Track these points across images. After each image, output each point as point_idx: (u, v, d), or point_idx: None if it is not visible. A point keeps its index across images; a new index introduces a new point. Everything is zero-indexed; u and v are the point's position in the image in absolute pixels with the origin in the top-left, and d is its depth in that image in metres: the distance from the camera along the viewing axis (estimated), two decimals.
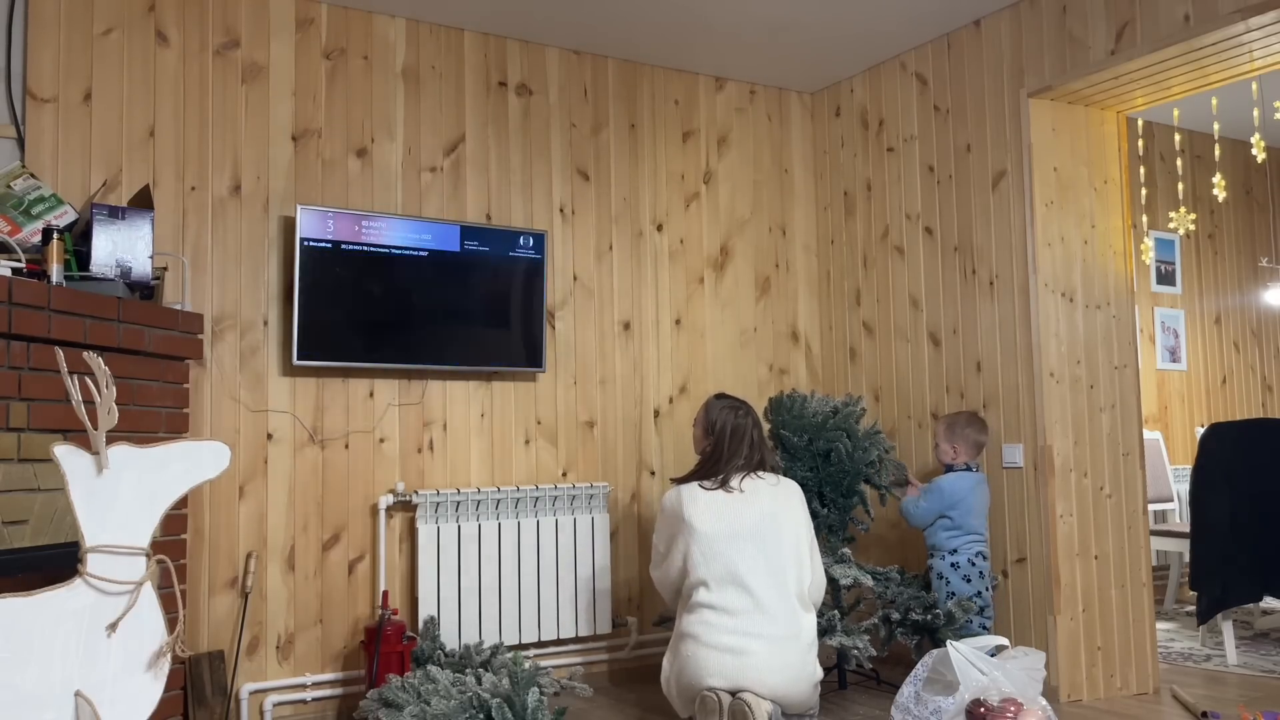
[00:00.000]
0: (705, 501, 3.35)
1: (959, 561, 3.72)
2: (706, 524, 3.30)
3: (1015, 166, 3.92)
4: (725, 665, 3.15)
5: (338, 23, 3.86)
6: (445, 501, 3.77)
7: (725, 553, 3.26)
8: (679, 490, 3.42)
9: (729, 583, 3.24)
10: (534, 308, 4.01)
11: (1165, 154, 5.90)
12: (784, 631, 3.21)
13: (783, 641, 3.19)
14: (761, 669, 3.14)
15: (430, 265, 3.82)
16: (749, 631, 3.18)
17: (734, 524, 3.29)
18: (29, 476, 2.57)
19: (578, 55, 4.35)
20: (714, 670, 3.15)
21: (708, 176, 4.63)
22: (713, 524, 3.30)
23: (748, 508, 3.33)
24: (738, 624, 3.19)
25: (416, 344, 3.78)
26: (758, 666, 3.14)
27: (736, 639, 3.17)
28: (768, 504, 3.35)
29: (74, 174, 3.36)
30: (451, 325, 3.85)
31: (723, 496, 3.36)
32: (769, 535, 3.29)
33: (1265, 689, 3.76)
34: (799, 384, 4.75)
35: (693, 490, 3.39)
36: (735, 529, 3.29)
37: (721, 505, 3.34)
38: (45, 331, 2.59)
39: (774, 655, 3.16)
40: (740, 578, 3.23)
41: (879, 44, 4.34)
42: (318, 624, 3.64)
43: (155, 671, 2.06)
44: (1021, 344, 3.87)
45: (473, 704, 3.00)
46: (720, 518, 3.31)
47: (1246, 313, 6.19)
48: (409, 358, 3.77)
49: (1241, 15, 3.22)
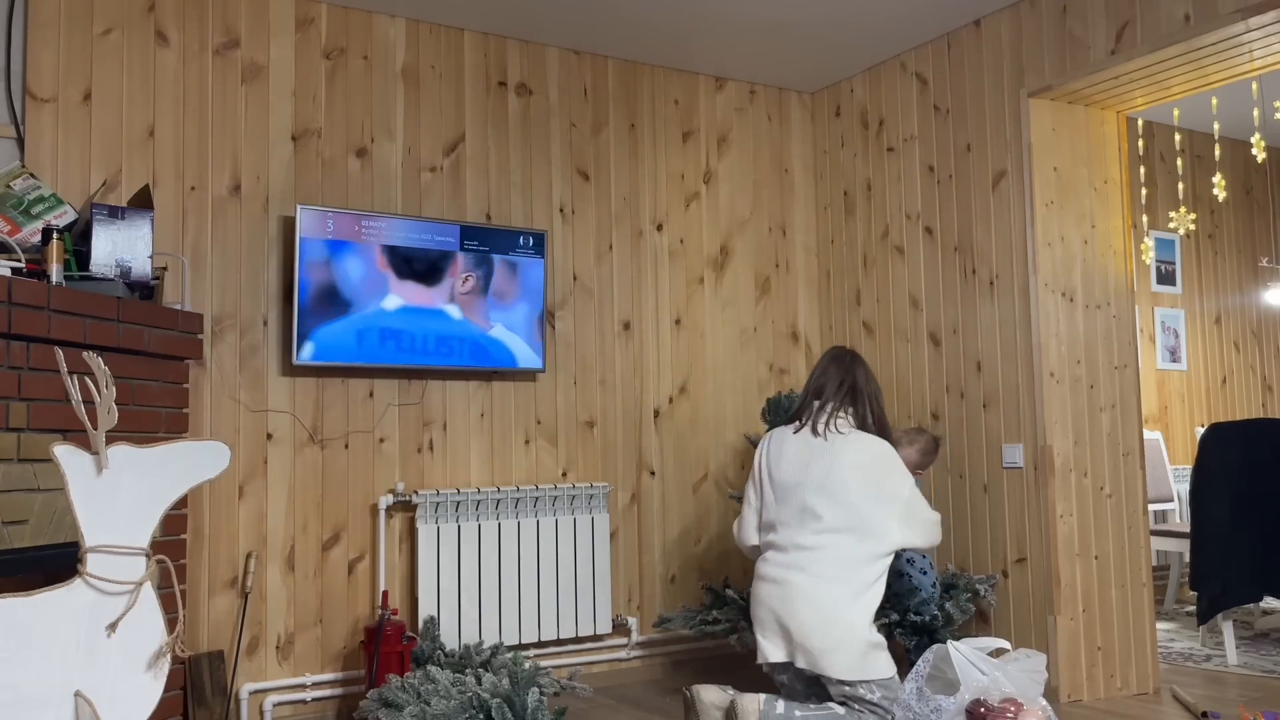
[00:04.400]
0: (788, 444, 3.32)
1: (913, 557, 3.74)
2: (779, 469, 3.30)
3: (1015, 166, 3.92)
4: (771, 595, 3.17)
5: (338, 23, 3.86)
6: (445, 501, 3.77)
7: (792, 497, 3.25)
8: (769, 435, 3.41)
9: (792, 524, 3.23)
10: (534, 307, 4.01)
11: (1165, 154, 5.90)
12: (832, 573, 3.13)
13: (829, 582, 3.12)
14: (799, 600, 3.10)
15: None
16: (794, 565, 3.18)
17: (803, 474, 3.25)
18: (29, 476, 2.57)
19: (578, 55, 4.35)
20: (763, 600, 3.19)
21: (708, 176, 4.63)
22: (783, 471, 3.29)
23: (823, 458, 3.25)
24: (788, 558, 3.20)
25: (416, 344, 3.78)
26: (796, 598, 3.11)
27: (783, 571, 3.18)
28: (848, 458, 3.22)
29: (74, 174, 3.36)
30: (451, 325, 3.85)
31: (806, 441, 3.31)
32: (835, 490, 3.19)
33: (1265, 689, 3.76)
34: (799, 384, 4.75)
35: (781, 433, 3.36)
36: (802, 478, 3.25)
37: (800, 449, 3.30)
38: (45, 331, 2.59)
39: (816, 589, 3.12)
40: (800, 521, 3.22)
41: (879, 44, 4.34)
42: (317, 624, 3.64)
43: (155, 671, 2.06)
44: (1021, 344, 3.87)
45: (473, 704, 3.00)
46: (793, 464, 3.29)
47: (1246, 313, 6.19)
48: (409, 357, 3.77)
49: (1241, 15, 3.22)
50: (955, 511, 4.10)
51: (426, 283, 3.81)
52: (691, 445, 4.47)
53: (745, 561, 4.52)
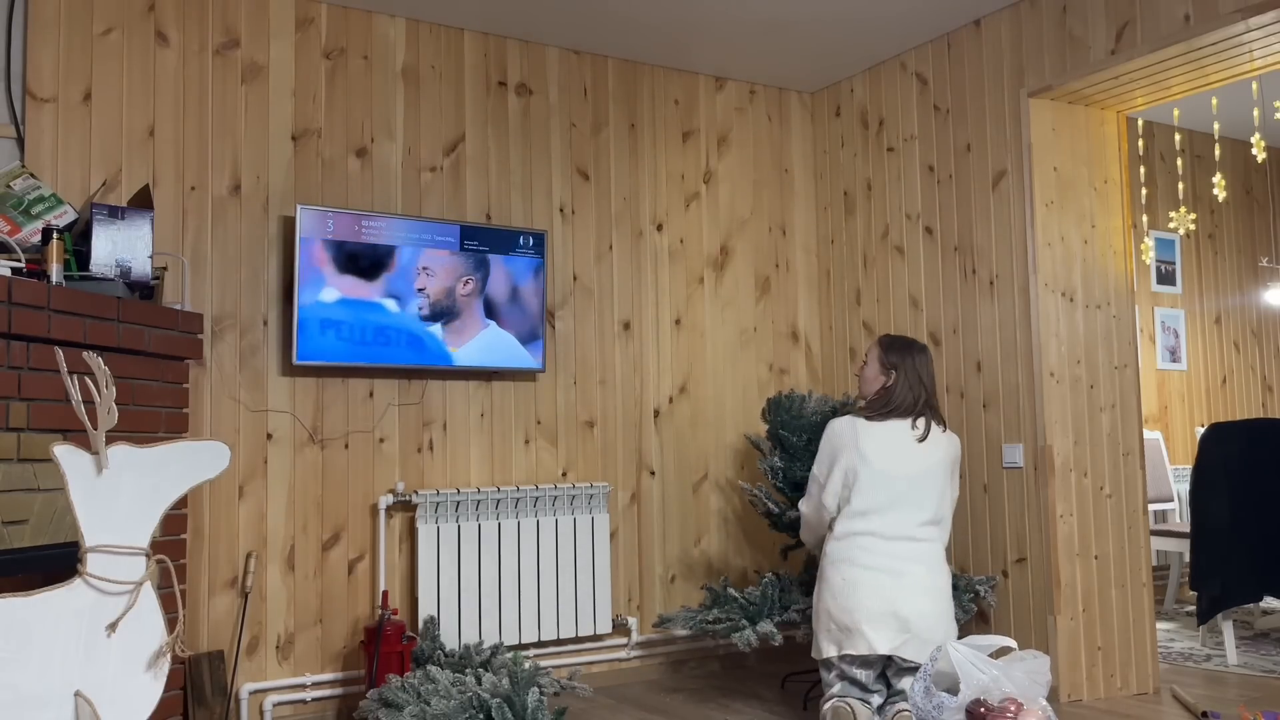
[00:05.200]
0: (882, 435, 3.38)
1: None
2: (879, 456, 3.34)
3: (1015, 166, 3.92)
4: (883, 585, 3.23)
5: (337, 23, 3.86)
6: (445, 501, 3.77)
7: (893, 486, 3.32)
8: (852, 420, 3.43)
9: (891, 512, 3.31)
10: (534, 308, 4.01)
11: (1165, 154, 5.90)
12: (940, 566, 3.33)
13: (940, 575, 3.31)
14: (917, 589, 3.23)
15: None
16: (907, 556, 3.27)
17: (907, 464, 3.34)
18: (29, 476, 2.57)
19: (578, 55, 4.35)
20: (873, 589, 3.23)
21: (708, 176, 4.63)
22: (885, 458, 3.34)
23: (924, 451, 3.37)
24: (895, 549, 3.28)
25: (416, 343, 3.78)
26: (913, 587, 3.23)
27: (894, 561, 3.26)
28: (942, 454, 3.40)
29: (74, 174, 3.36)
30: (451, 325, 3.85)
31: (901, 432, 3.38)
32: (934, 484, 3.36)
33: (1265, 689, 3.76)
34: (799, 384, 4.75)
35: (865, 422, 3.41)
36: (907, 470, 3.34)
37: (897, 441, 3.37)
38: (45, 331, 2.59)
39: (930, 580, 3.27)
40: (902, 512, 3.31)
41: (879, 44, 4.34)
42: (317, 624, 3.64)
43: (155, 671, 2.06)
44: (1021, 344, 3.87)
45: (473, 704, 3.00)
46: (893, 453, 3.35)
47: (1246, 313, 6.19)
48: (409, 357, 3.77)
49: (1241, 15, 3.22)
50: (955, 511, 4.09)
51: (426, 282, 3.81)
52: (691, 445, 4.47)
53: (745, 561, 4.52)
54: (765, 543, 4.58)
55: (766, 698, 3.86)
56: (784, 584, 3.89)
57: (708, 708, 3.73)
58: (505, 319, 3.96)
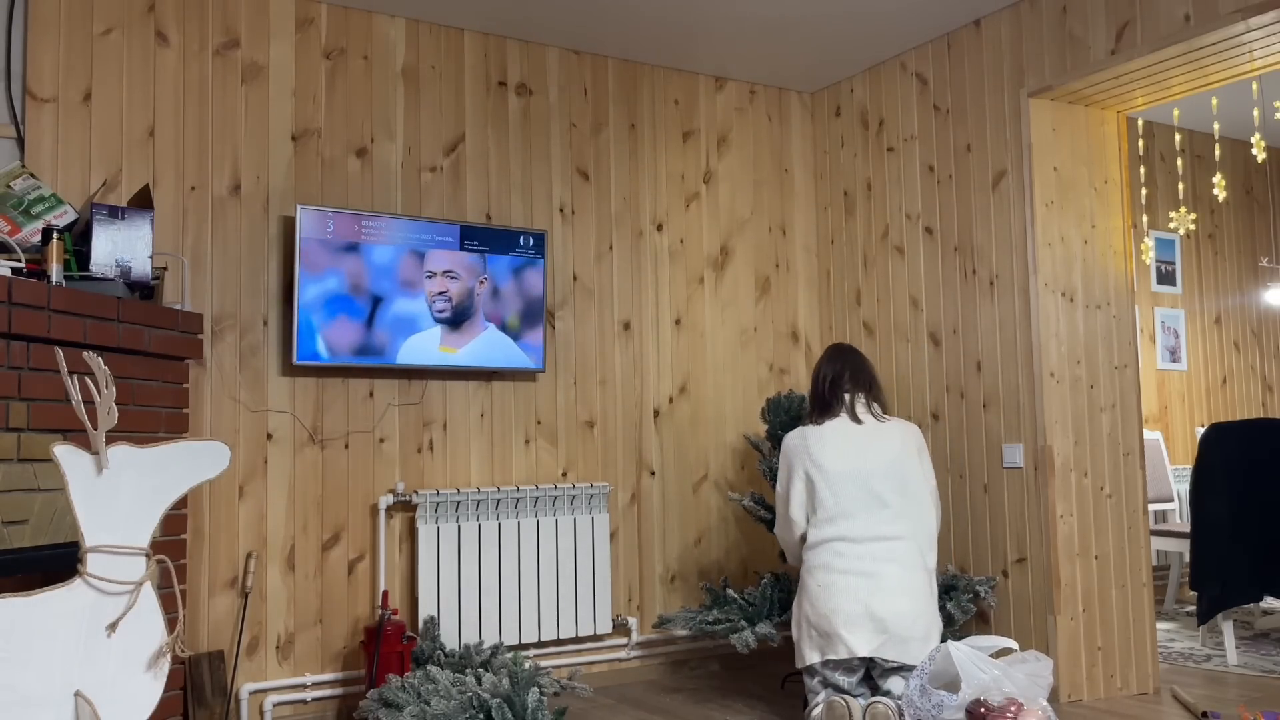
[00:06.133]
0: (829, 434, 3.37)
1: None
2: (831, 457, 3.33)
3: (1015, 166, 3.92)
4: (857, 587, 3.20)
5: (338, 23, 3.86)
6: (445, 501, 3.77)
7: (854, 485, 3.30)
8: (801, 430, 3.43)
9: (859, 515, 3.28)
10: (534, 308, 4.01)
11: (1165, 154, 5.90)
12: (915, 562, 3.27)
13: (915, 571, 3.26)
14: (893, 589, 3.19)
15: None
16: (879, 556, 3.23)
17: (861, 459, 3.32)
18: (29, 476, 2.57)
19: (578, 55, 4.35)
20: (847, 593, 3.20)
21: (708, 176, 4.63)
22: (837, 458, 3.32)
23: (877, 445, 3.35)
24: (867, 550, 3.24)
25: (416, 343, 3.78)
26: (889, 588, 3.19)
27: (868, 563, 3.22)
28: (897, 445, 3.36)
29: (74, 174, 3.36)
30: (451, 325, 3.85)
31: (844, 425, 3.37)
32: (895, 475, 3.32)
33: (1265, 689, 3.76)
34: (799, 384, 4.75)
35: (811, 429, 3.40)
36: (863, 466, 3.31)
37: (844, 435, 3.36)
38: (45, 331, 2.59)
39: (904, 578, 3.22)
40: (870, 513, 3.27)
41: (879, 44, 4.34)
42: (317, 624, 3.64)
43: (155, 671, 2.06)
44: (1021, 344, 3.87)
45: (473, 704, 3.00)
46: (845, 454, 3.33)
47: (1246, 313, 6.19)
48: (409, 357, 3.77)
49: (1241, 15, 3.22)
50: (955, 511, 4.10)
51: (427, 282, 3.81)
52: (691, 445, 4.47)
53: (744, 562, 4.52)
54: (765, 543, 4.58)
55: (766, 698, 3.86)
56: (784, 585, 3.89)
57: (708, 708, 3.73)
58: (505, 319, 3.96)
